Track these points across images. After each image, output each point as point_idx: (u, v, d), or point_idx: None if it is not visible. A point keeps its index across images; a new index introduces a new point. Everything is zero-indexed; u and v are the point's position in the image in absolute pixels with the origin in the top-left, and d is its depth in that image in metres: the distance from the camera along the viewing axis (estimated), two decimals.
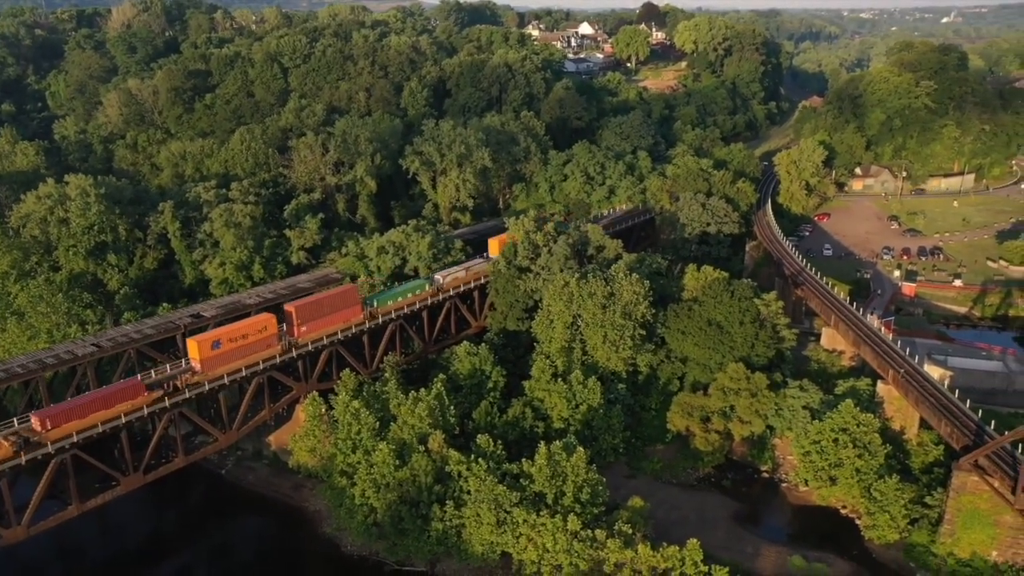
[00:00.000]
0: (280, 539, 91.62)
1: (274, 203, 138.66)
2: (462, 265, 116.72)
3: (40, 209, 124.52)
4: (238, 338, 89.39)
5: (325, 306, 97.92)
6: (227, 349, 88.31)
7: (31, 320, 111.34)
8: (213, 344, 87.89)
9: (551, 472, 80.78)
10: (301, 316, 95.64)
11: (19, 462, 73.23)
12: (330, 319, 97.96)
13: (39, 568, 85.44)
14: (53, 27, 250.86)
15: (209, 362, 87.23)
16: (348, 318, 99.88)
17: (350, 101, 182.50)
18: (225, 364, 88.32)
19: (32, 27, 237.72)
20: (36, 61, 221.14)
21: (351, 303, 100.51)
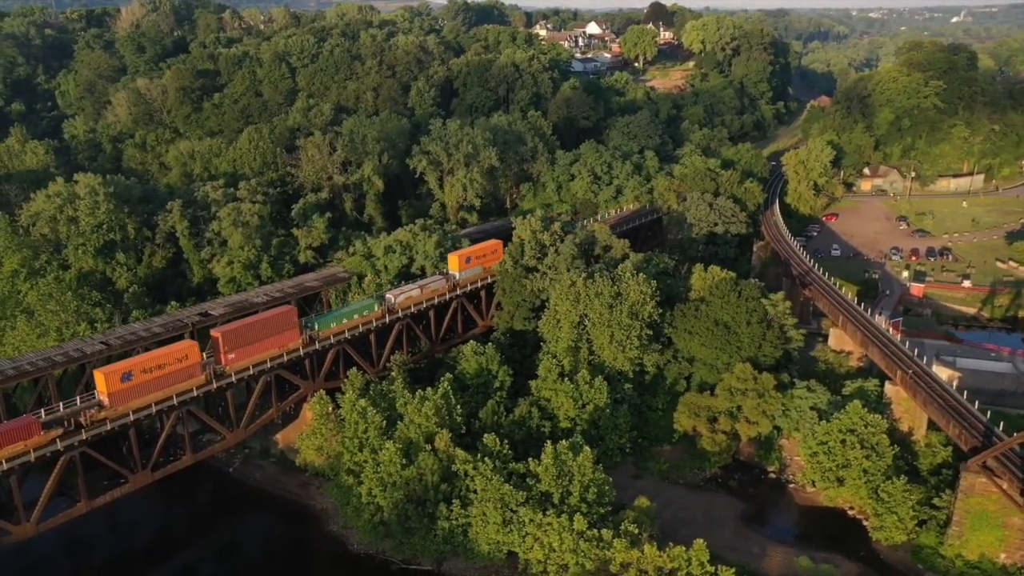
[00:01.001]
0: (287, 537, 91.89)
1: (282, 202, 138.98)
2: (417, 283, 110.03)
3: (50, 208, 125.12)
4: (153, 368, 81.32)
5: (257, 331, 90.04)
6: (140, 381, 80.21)
7: (40, 318, 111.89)
8: (123, 376, 79.63)
9: (557, 472, 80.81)
10: (229, 342, 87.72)
11: (28, 458, 73.69)
12: (263, 345, 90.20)
13: (48, 564, 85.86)
14: (63, 27, 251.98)
15: (118, 396, 79.11)
16: (284, 343, 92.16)
17: (358, 101, 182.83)
18: (138, 398, 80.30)
19: (42, 27, 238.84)
20: (46, 61, 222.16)
21: (287, 327, 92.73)
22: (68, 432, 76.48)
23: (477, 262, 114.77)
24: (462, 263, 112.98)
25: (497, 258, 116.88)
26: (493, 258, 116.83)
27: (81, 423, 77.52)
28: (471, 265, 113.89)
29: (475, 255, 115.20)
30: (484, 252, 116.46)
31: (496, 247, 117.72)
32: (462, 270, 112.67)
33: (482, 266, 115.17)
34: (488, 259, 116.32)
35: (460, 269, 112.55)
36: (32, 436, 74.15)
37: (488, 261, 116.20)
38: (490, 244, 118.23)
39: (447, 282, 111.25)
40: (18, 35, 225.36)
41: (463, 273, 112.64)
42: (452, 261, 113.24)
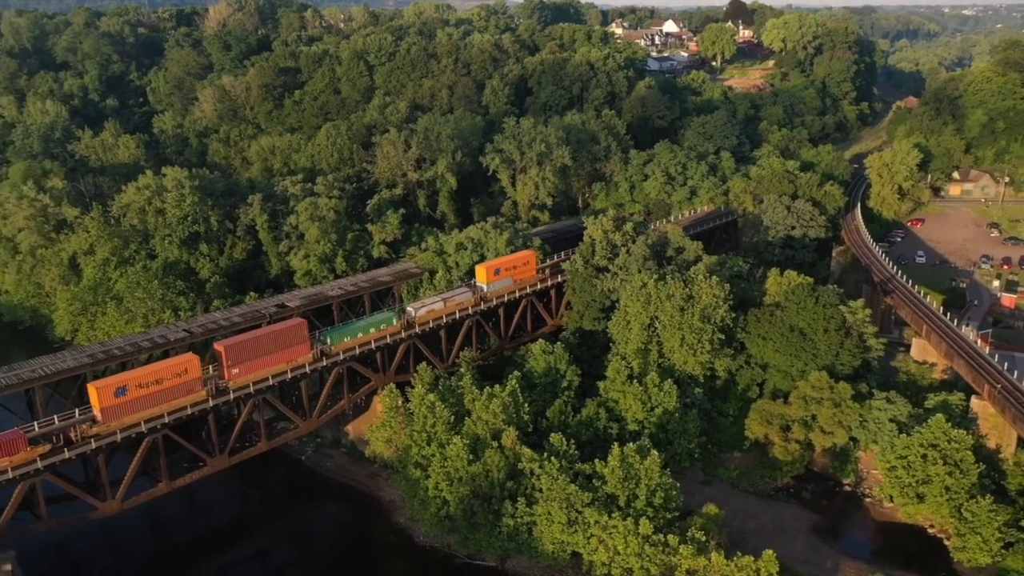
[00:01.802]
0: (355, 526, 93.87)
1: (357, 198, 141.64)
2: (441, 295, 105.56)
3: (139, 199, 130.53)
4: (150, 383, 78.75)
5: (264, 345, 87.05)
6: (135, 396, 77.83)
7: (129, 305, 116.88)
8: (117, 391, 77.11)
9: (624, 474, 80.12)
10: (233, 356, 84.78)
11: (115, 439, 77.10)
12: (269, 359, 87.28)
13: (131, 541, 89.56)
14: (155, 26, 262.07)
15: (111, 411, 76.90)
16: (292, 358, 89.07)
17: (433, 98, 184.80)
18: (132, 413, 78.01)
19: (136, 26, 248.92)
20: (139, 58, 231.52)
21: (297, 341, 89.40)
22: (56, 448, 74.17)
23: (507, 274, 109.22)
24: (490, 275, 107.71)
25: (529, 270, 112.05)
26: (525, 270, 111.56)
27: (71, 438, 75.28)
28: (500, 277, 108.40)
29: (504, 267, 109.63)
30: (515, 263, 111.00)
31: (528, 258, 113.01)
32: (490, 282, 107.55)
33: (512, 278, 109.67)
34: (519, 271, 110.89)
35: (488, 281, 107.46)
36: (17, 452, 71.97)
37: (519, 273, 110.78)
38: (522, 255, 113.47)
39: (473, 295, 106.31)
40: (113, 34, 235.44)
41: (491, 285, 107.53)
42: (480, 273, 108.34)
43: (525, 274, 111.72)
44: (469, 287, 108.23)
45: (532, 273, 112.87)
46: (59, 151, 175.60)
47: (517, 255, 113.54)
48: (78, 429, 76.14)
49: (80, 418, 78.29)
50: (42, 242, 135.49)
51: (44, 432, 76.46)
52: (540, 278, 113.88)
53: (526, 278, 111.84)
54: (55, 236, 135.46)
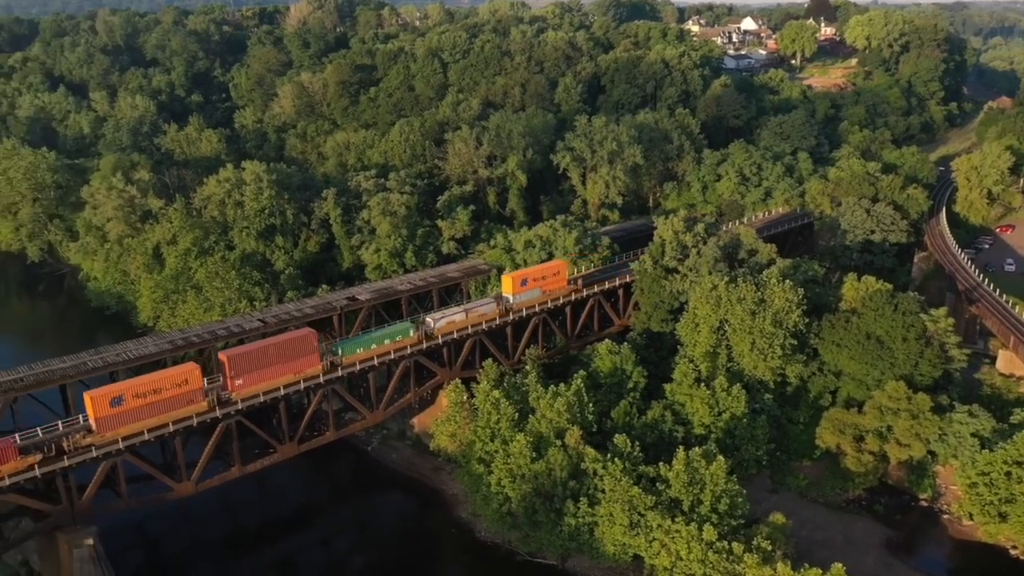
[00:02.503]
0: (418, 518, 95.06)
1: (428, 194, 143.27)
2: (462, 307, 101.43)
3: (219, 192, 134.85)
4: (148, 393, 76.38)
5: (271, 355, 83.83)
6: (132, 406, 75.45)
7: (207, 294, 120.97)
8: (113, 400, 74.71)
9: (689, 479, 78.94)
10: (236, 367, 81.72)
11: (191, 423, 79.95)
12: (276, 370, 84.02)
13: (204, 522, 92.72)
14: (239, 24, 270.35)
15: (107, 421, 74.68)
16: (301, 369, 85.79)
17: (505, 96, 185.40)
18: (130, 423, 75.70)
19: (221, 24, 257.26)
20: (223, 55, 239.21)
21: (306, 352, 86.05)
22: (48, 459, 72.73)
23: (535, 284, 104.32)
24: (516, 285, 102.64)
25: (560, 281, 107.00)
26: (555, 281, 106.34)
27: (64, 448, 73.54)
28: (527, 288, 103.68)
29: (533, 277, 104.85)
30: (544, 274, 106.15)
31: (559, 268, 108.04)
32: (516, 293, 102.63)
33: (541, 289, 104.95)
34: (549, 282, 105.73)
35: (514, 292, 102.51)
36: (7, 461, 69.96)
37: (549, 284, 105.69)
38: (552, 265, 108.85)
39: (498, 306, 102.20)
40: (199, 32, 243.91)
41: (518, 297, 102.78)
42: (506, 283, 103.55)
43: (555, 285, 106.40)
44: (494, 298, 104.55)
45: (563, 284, 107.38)
46: (146, 144, 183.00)
47: (546, 265, 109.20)
48: (71, 439, 74.04)
49: (75, 427, 76.38)
50: (129, 231, 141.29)
51: (36, 442, 74.35)
52: (572, 289, 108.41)
53: (556, 289, 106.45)
54: (141, 226, 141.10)
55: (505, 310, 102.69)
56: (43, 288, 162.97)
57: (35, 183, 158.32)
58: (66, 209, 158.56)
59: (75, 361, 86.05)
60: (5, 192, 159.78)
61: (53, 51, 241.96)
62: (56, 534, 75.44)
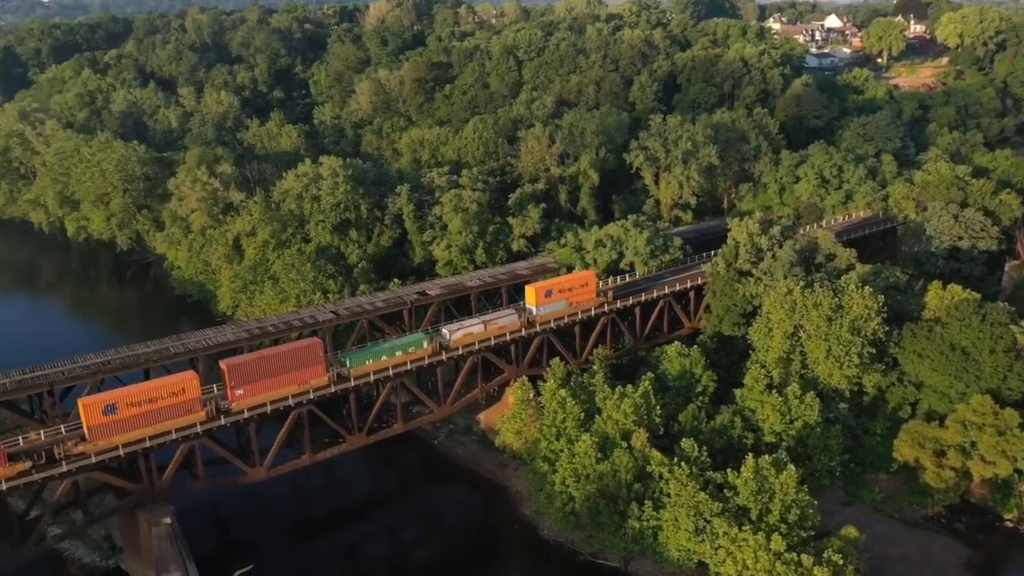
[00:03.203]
0: (482, 513, 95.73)
1: (500, 191, 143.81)
2: (480, 318, 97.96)
3: (297, 186, 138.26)
4: (143, 402, 74.74)
5: (273, 365, 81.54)
6: (125, 416, 74.09)
7: (283, 285, 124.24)
8: (105, 408, 73.25)
9: (757, 487, 77.21)
10: (236, 376, 79.65)
11: (265, 410, 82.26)
12: (279, 380, 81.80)
13: (275, 507, 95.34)
14: (320, 22, 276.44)
15: (99, 430, 73.45)
16: (305, 380, 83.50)
17: (579, 94, 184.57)
18: (123, 433, 74.29)
19: (303, 22, 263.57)
20: (304, 52, 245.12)
21: (311, 362, 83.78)
22: (38, 466, 71.77)
23: (561, 296, 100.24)
24: (540, 297, 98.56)
25: (589, 293, 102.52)
26: (583, 293, 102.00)
27: (55, 456, 72.71)
28: (552, 299, 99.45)
29: (558, 288, 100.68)
30: (571, 285, 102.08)
31: (587, 279, 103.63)
32: (540, 305, 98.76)
33: (567, 301, 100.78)
34: (576, 293, 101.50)
35: (538, 303, 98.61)
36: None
37: (576, 296, 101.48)
38: (580, 276, 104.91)
39: (520, 318, 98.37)
40: (282, 29, 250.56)
41: (542, 308, 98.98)
42: (529, 294, 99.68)
43: (582, 297, 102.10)
44: (516, 309, 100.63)
45: (591, 296, 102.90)
46: (230, 139, 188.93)
47: (574, 276, 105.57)
48: (63, 447, 73.17)
49: (68, 435, 75.71)
50: (211, 223, 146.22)
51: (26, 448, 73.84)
52: (601, 302, 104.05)
53: (583, 301, 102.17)
54: (222, 218, 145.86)
55: (528, 322, 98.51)
56: (130, 275, 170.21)
57: (126, 175, 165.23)
58: (154, 200, 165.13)
59: (158, 346, 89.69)
60: (98, 183, 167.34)
61: (145, 48, 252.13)
62: (137, 512, 78.74)
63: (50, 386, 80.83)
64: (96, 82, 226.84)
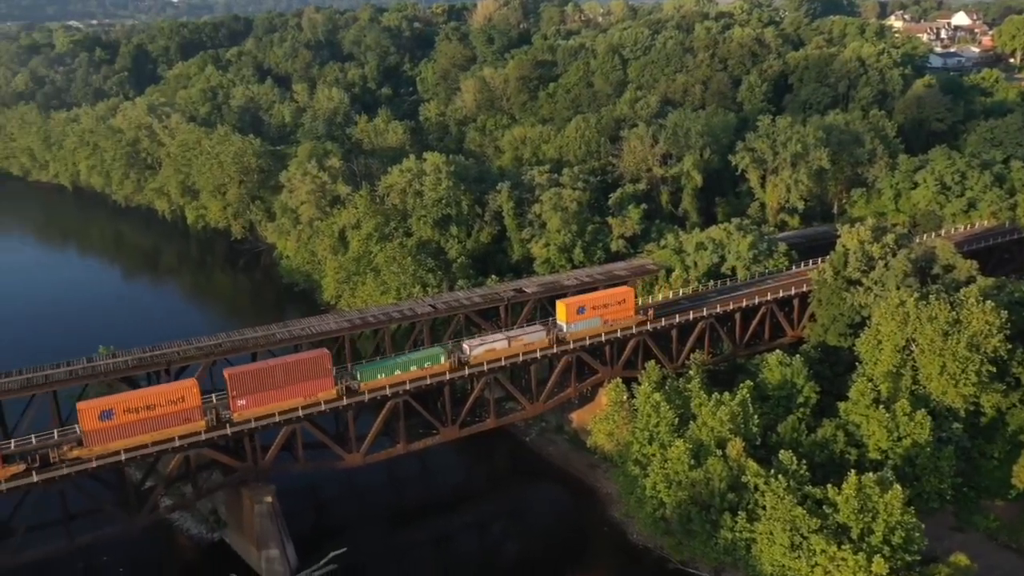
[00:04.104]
0: (571, 513, 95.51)
1: (600, 190, 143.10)
2: (506, 333, 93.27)
3: (401, 181, 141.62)
4: (140, 408, 73.73)
5: (278, 376, 79.69)
6: (122, 421, 73.11)
7: (384, 277, 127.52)
8: (102, 413, 72.39)
9: (859, 505, 73.84)
10: (238, 386, 78.02)
11: (363, 399, 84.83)
12: (284, 392, 79.94)
13: (369, 492, 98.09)
14: (428, 20, 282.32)
15: (96, 435, 72.51)
16: (312, 393, 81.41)
17: (685, 94, 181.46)
18: (120, 439, 73.37)
19: (412, 20, 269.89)
20: (412, 50, 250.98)
21: (317, 374, 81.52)
22: (32, 468, 71.45)
23: (594, 313, 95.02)
24: (572, 313, 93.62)
25: (626, 311, 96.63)
26: (619, 310, 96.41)
27: (50, 459, 72.45)
28: (585, 316, 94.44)
29: (592, 304, 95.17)
30: (606, 301, 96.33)
31: (625, 295, 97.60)
32: (572, 321, 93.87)
33: (601, 318, 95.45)
34: (611, 311, 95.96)
35: (569, 320, 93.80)
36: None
37: (612, 313, 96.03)
38: (616, 292, 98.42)
39: (548, 335, 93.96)
40: (392, 28, 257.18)
41: (573, 325, 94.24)
42: (560, 309, 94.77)
43: (619, 314, 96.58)
44: (544, 325, 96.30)
45: (629, 314, 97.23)
46: (339, 134, 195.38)
47: (610, 291, 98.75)
48: (59, 451, 73.14)
49: (65, 439, 75.59)
50: (318, 215, 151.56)
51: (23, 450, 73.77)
52: (642, 320, 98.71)
53: (620, 319, 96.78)
54: (329, 210, 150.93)
55: (557, 339, 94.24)
56: (243, 263, 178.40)
57: (242, 167, 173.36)
58: (266, 192, 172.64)
59: (265, 332, 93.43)
60: (216, 174, 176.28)
61: (264, 46, 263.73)
62: (241, 489, 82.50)
63: (167, 365, 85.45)
64: (218, 78, 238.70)
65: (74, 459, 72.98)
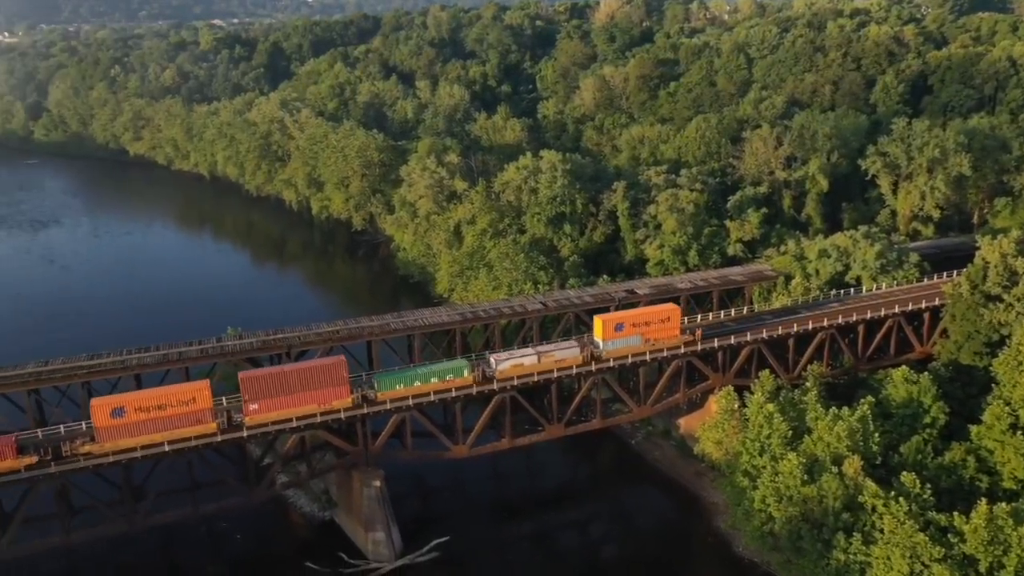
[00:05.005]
0: (675, 520, 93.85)
1: (719, 193, 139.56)
2: (536, 348, 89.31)
3: (517, 178, 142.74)
4: (151, 407, 74.35)
5: (292, 382, 78.78)
6: (133, 420, 73.84)
7: (497, 273, 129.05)
8: (113, 411, 73.42)
9: (990, 536, 69.00)
10: (251, 391, 77.52)
11: (471, 391, 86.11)
12: (299, 398, 79.03)
13: (473, 484, 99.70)
14: (550, 18, 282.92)
15: (107, 432, 73.71)
16: (326, 400, 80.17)
17: (813, 94, 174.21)
18: (130, 436, 74.03)
19: (534, 18, 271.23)
20: (533, 48, 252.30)
21: (333, 382, 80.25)
22: (43, 461, 72.75)
23: (634, 331, 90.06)
24: (609, 330, 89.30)
25: (669, 330, 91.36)
26: (663, 329, 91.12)
27: (61, 452, 73.56)
28: (624, 334, 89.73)
29: (632, 322, 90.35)
30: (648, 319, 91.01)
31: (670, 313, 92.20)
32: (609, 339, 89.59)
33: (642, 336, 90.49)
34: (654, 329, 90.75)
35: (606, 337, 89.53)
36: (4, 459, 70.99)
37: (654, 332, 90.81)
38: (660, 309, 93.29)
39: (582, 352, 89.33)
40: (514, 26, 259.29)
41: (611, 343, 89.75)
42: (597, 325, 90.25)
43: (662, 334, 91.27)
44: (579, 341, 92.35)
45: (673, 334, 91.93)
46: (458, 130, 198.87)
47: (652, 308, 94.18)
48: (71, 445, 74.33)
49: (77, 433, 76.83)
50: (435, 209, 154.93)
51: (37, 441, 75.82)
52: (686, 340, 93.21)
53: (662, 339, 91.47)
54: (446, 205, 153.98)
55: (592, 357, 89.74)
56: (362, 253, 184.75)
57: (365, 160, 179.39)
58: (387, 185, 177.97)
59: (380, 321, 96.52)
60: (341, 167, 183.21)
61: (390, 44, 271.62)
62: (352, 472, 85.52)
63: (288, 348, 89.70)
64: (346, 75, 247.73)
65: (85, 453, 73.66)
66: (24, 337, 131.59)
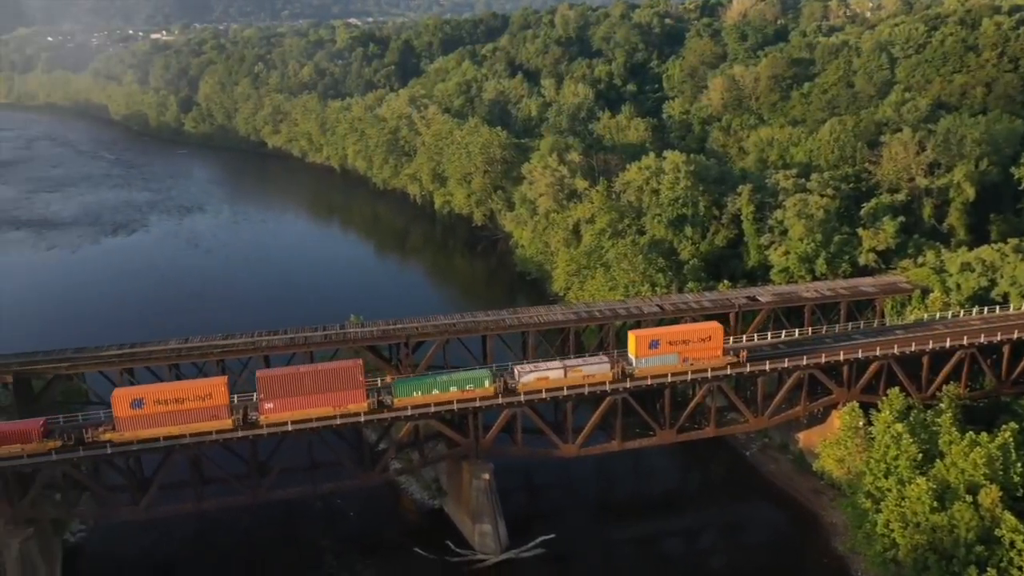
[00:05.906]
0: (788, 537, 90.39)
1: (852, 199, 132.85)
2: (563, 362, 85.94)
3: (639, 178, 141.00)
4: (169, 400, 75.83)
5: (307, 383, 78.96)
6: (151, 411, 75.58)
7: (614, 273, 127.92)
8: (133, 402, 75.41)
9: None
10: (267, 389, 78.24)
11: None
12: (314, 399, 79.01)
13: (581, 483, 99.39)
14: (680, 17, 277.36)
15: (127, 421, 75.71)
16: (342, 403, 79.92)
17: (963, 96, 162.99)
18: (148, 428, 75.89)
19: (663, 17, 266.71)
20: (660, 47, 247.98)
21: (350, 385, 79.78)
22: (66, 446, 75.00)
23: (671, 349, 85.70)
24: (644, 346, 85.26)
25: (711, 349, 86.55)
26: (703, 348, 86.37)
27: (83, 439, 75.71)
28: (658, 352, 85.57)
29: (669, 339, 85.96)
30: (687, 337, 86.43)
31: (712, 332, 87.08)
32: (643, 356, 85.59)
33: (679, 355, 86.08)
34: (692, 348, 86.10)
35: (640, 354, 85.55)
36: (30, 442, 73.62)
37: (692, 351, 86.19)
38: (701, 327, 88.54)
39: (612, 368, 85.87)
40: (642, 24, 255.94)
41: (645, 360, 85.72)
42: (632, 341, 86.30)
43: (703, 353, 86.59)
44: (610, 357, 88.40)
45: (715, 353, 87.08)
46: (581, 129, 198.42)
47: (693, 326, 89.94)
48: (94, 432, 76.58)
49: (100, 420, 79.11)
50: (555, 207, 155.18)
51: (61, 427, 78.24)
52: (729, 361, 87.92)
53: (702, 358, 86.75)
54: (566, 203, 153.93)
55: (623, 374, 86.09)
56: (481, 248, 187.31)
57: (487, 157, 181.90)
58: (508, 182, 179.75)
59: (495, 316, 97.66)
60: (464, 163, 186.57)
61: (517, 42, 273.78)
62: (462, 463, 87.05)
63: (406, 338, 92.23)
64: (473, 72, 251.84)
65: (104, 441, 75.99)
66: (169, 316, 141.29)
